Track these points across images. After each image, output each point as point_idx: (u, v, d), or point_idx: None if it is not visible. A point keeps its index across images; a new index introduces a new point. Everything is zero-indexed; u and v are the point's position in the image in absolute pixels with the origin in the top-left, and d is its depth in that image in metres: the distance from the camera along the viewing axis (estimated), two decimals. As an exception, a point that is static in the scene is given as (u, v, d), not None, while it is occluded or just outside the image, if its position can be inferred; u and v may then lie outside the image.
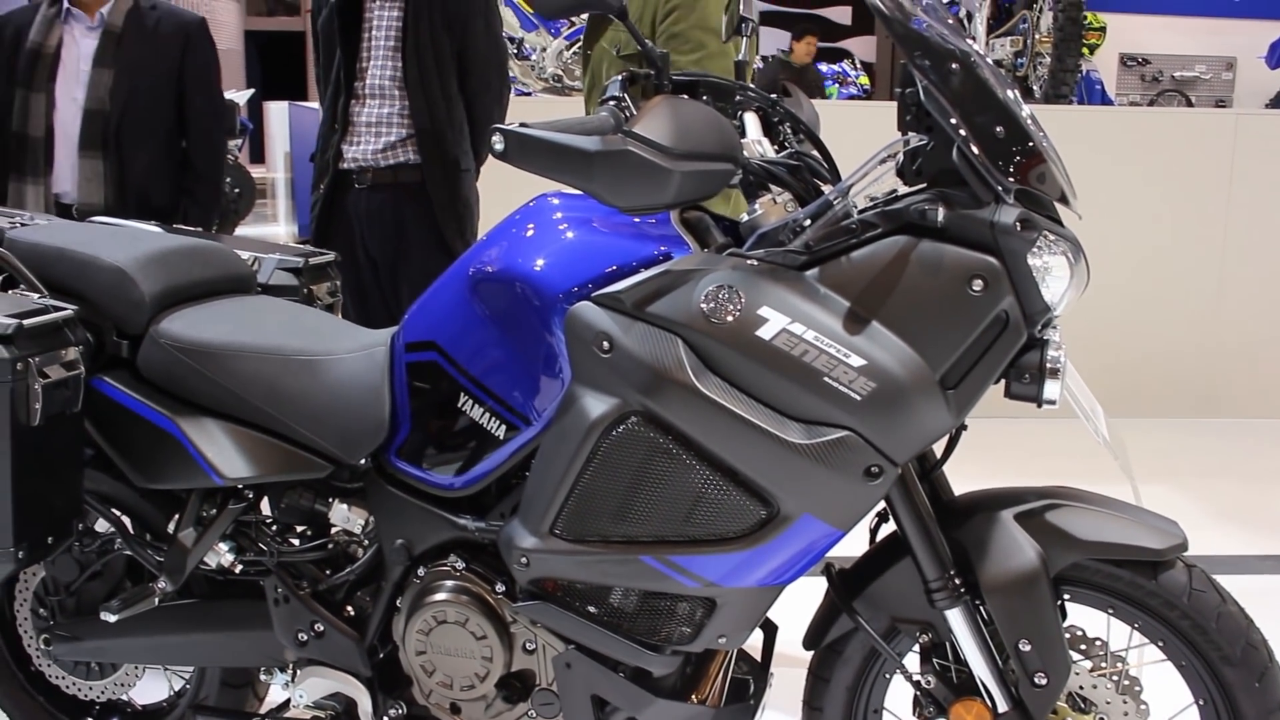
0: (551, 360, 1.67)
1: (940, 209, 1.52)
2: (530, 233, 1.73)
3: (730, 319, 1.55)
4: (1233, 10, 11.63)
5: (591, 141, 1.49)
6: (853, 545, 1.73)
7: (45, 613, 2.17)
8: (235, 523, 1.99)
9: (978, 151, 1.50)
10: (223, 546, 1.99)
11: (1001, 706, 1.69)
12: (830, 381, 1.52)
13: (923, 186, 1.58)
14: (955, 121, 1.51)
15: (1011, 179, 1.51)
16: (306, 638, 1.94)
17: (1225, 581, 1.71)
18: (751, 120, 1.83)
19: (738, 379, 1.56)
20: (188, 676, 2.24)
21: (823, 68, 10.59)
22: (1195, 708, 1.70)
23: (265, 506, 2.03)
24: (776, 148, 1.81)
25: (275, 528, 2.02)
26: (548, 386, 1.69)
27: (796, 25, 10.14)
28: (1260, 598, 2.00)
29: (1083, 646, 1.74)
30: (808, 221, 1.59)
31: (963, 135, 1.51)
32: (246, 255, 2.30)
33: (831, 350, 1.52)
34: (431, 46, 3.15)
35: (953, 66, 1.52)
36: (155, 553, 2.02)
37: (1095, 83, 9.68)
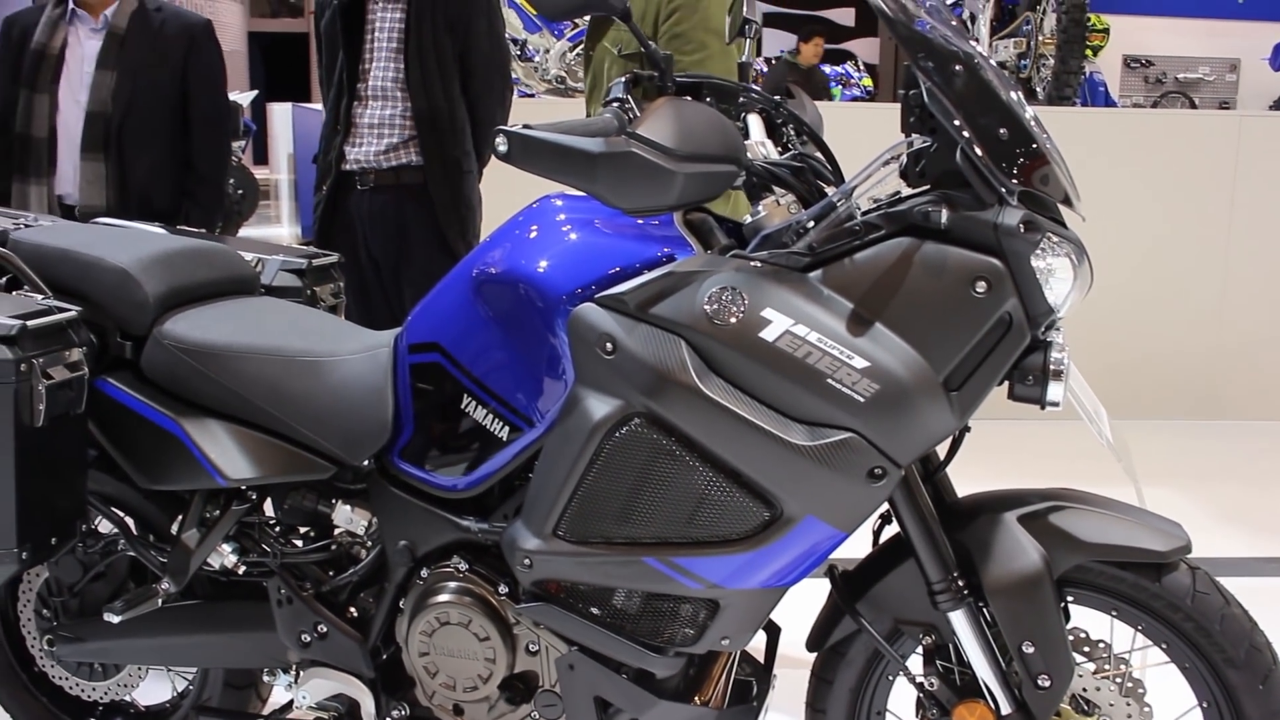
0: (555, 362, 1.67)
1: (944, 211, 1.52)
2: (533, 234, 1.73)
3: (733, 320, 1.55)
4: (1236, 12, 11.63)
5: (595, 143, 1.49)
6: (856, 547, 1.73)
7: (49, 614, 2.17)
8: (238, 524, 2.00)
9: (981, 153, 1.50)
10: (226, 547, 1.99)
11: (1005, 709, 1.68)
12: (833, 383, 1.52)
13: (926, 188, 1.58)
14: (959, 123, 1.51)
15: (1015, 181, 1.51)
16: (309, 639, 1.95)
17: (1229, 584, 1.70)
18: (755, 122, 1.83)
19: (741, 380, 1.56)
20: (191, 677, 2.24)
21: (826, 69, 10.58)
22: (1199, 710, 1.70)
23: (269, 508, 2.03)
24: (780, 149, 1.81)
25: (278, 529, 2.03)
26: (551, 388, 1.69)
27: (803, 27, 10.13)
28: (1264, 600, 2.00)
29: (1086, 649, 1.74)
30: (811, 223, 1.59)
31: (966, 137, 1.51)
32: (250, 256, 2.31)
33: (835, 352, 1.52)
34: (434, 48, 3.15)
35: (956, 68, 1.52)
36: (158, 554, 2.02)
37: (1099, 84, 9.67)
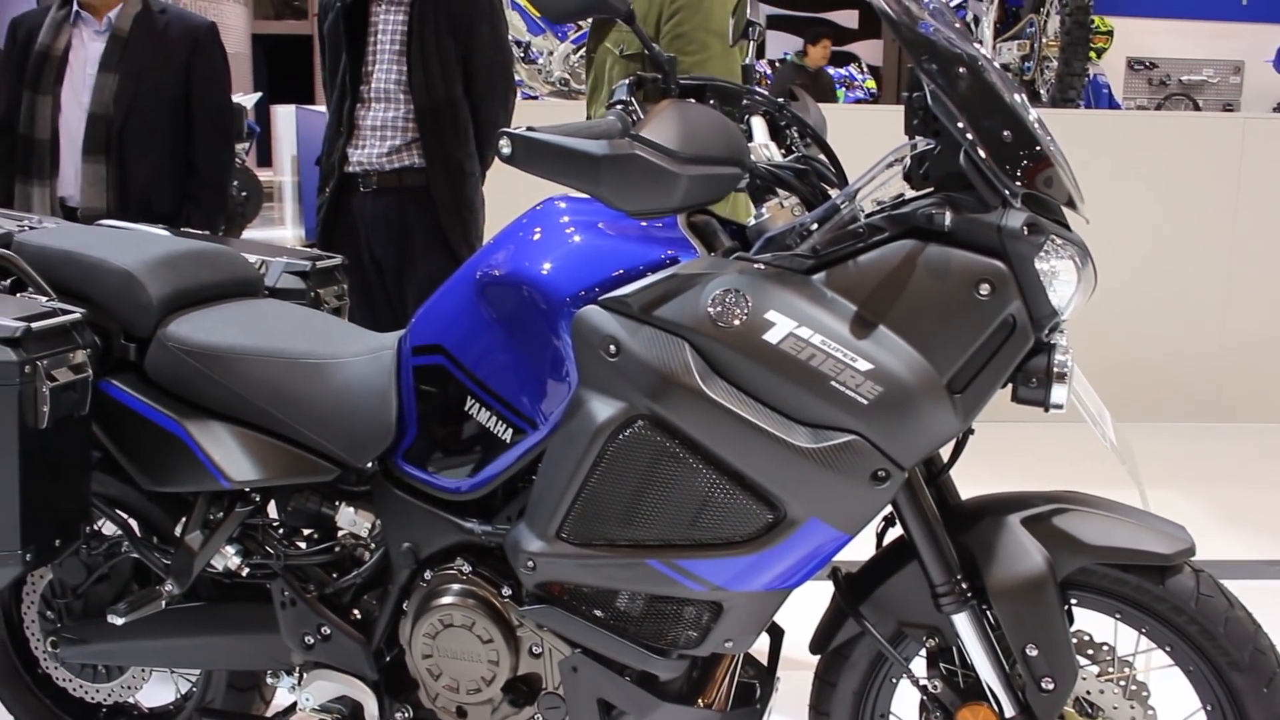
0: (558, 364, 1.67)
1: (947, 213, 1.52)
2: (537, 236, 1.73)
3: (737, 323, 1.55)
4: (1241, 14, 11.62)
5: (598, 145, 1.49)
6: (859, 549, 1.73)
7: (52, 615, 2.17)
8: (242, 526, 2.00)
9: (985, 155, 1.50)
10: (229, 549, 1.99)
11: (1008, 711, 1.68)
12: (837, 385, 1.52)
13: (930, 190, 1.58)
14: (962, 125, 1.51)
15: (1019, 183, 1.51)
16: (313, 641, 1.95)
17: (1233, 586, 1.70)
18: (758, 124, 1.83)
19: (744, 383, 1.56)
20: (194, 679, 2.24)
21: (830, 71, 10.59)
22: (1203, 713, 1.70)
23: (272, 509, 2.03)
24: (783, 152, 1.82)
25: (282, 531, 2.03)
26: (554, 390, 1.69)
27: (810, 29, 10.11)
28: (1268, 602, 1.99)
29: (1090, 651, 1.74)
30: (814, 225, 1.59)
31: (970, 139, 1.50)
32: (254, 259, 2.31)
33: (838, 354, 1.52)
34: (436, 50, 3.15)
35: (960, 70, 1.52)
36: (162, 555, 2.03)
37: (1102, 87, 9.66)
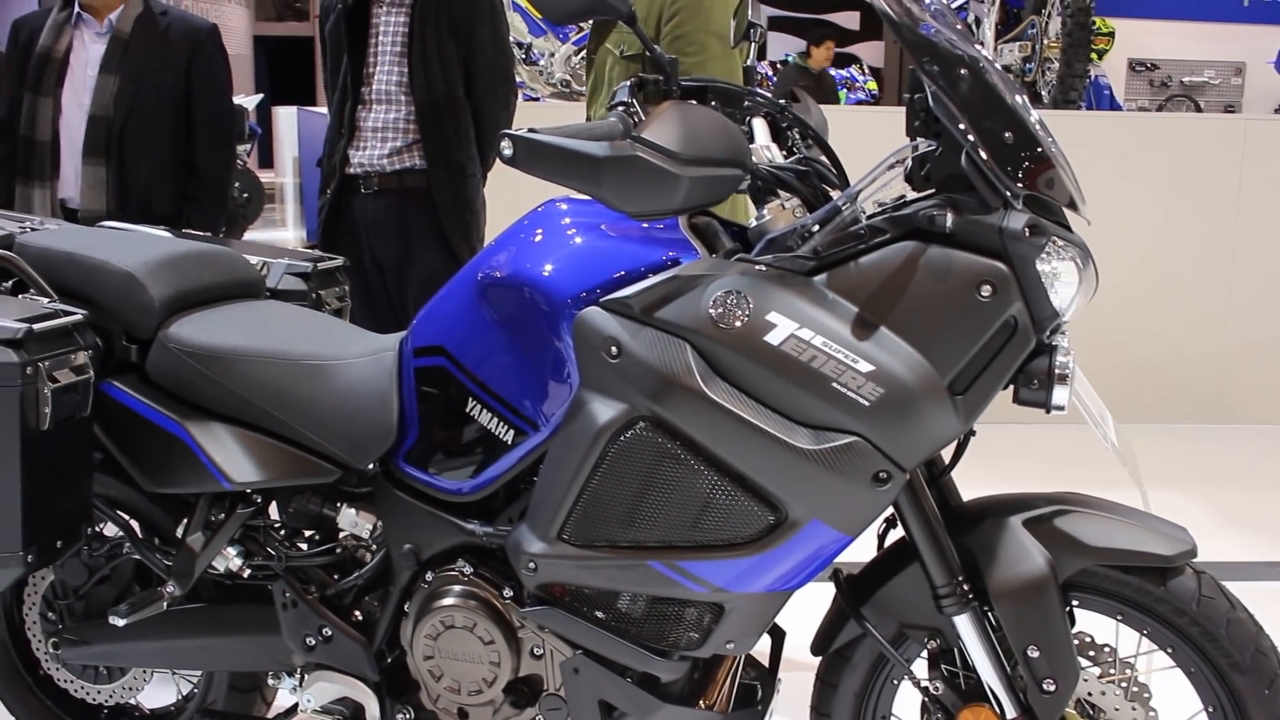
0: (560, 365, 1.67)
1: (949, 214, 1.52)
2: (538, 238, 1.73)
3: (738, 324, 1.55)
4: (1242, 15, 11.62)
5: (600, 147, 1.49)
6: (861, 551, 1.73)
7: (54, 616, 2.17)
8: (243, 527, 2.00)
9: (986, 157, 1.50)
10: (231, 551, 2.00)
11: (1010, 713, 1.68)
12: (838, 387, 1.52)
13: (931, 192, 1.58)
14: (964, 127, 1.51)
15: (1020, 184, 1.51)
16: (314, 642, 1.95)
17: (1234, 588, 1.70)
18: (760, 126, 1.83)
19: (746, 384, 1.56)
20: (196, 681, 2.24)
21: (831, 73, 10.59)
22: (1204, 715, 1.70)
23: (273, 511, 2.03)
24: (785, 153, 1.82)
25: (283, 532, 2.03)
26: (556, 391, 1.69)
27: (813, 30, 10.11)
28: (1270, 604, 1.99)
29: (1091, 653, 1.73)
30: (816, 227, 1.59)
31: (971, 141, 1.50)
32: (255, 260, 2.31)
33: (840, 356, 1.52)
34: (437, 52, 3.15)
35: (961, 72, 1.52)
36: (164, 557, 2.03)
37: (1104, 88, 9.67)
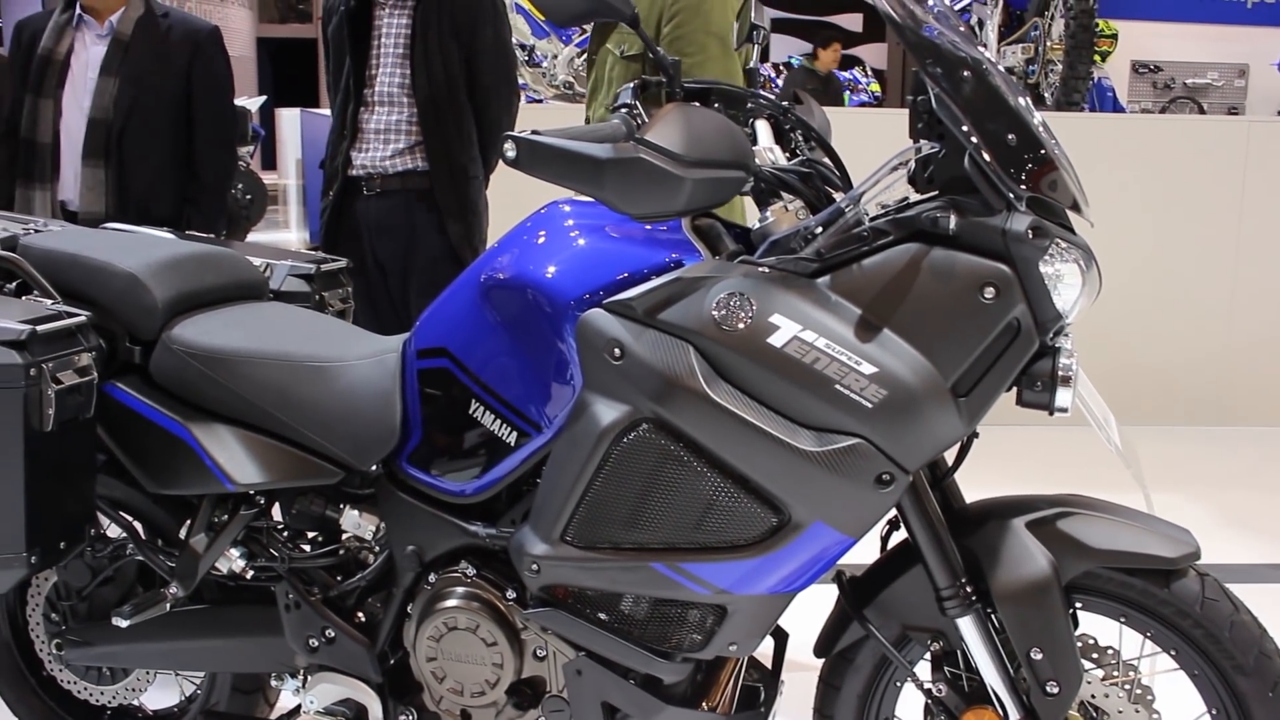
0: (563, 367, 1.67)
1: (952, 216, 1.52)
2: (542, 240, 1.73)
3: (742, 326, 1.55)
4: (1245, 17, 11.62)
5: (603, 149, 1.49)
6: (864, 553, 1.73)
7: (57, 618, 2.17)
8: (246, 528, 2.00)
9: (989, 159, 1.50)
10: (234, 552, 2.00)
11: (1013, 715, 1.68)
12: (841, 389, 1.52)
13: (934, 194, 1.58)
14: (967, 129, 1.51)
15: (1023, 186, 1.51)
16: (317, 643, 1.95)
17: (1238, 590, 1.70)
18: (763, 128, 1.84)
19: (749, 386, 1.56)
20: (199, 682, 2.24)
21: (837, 74, 10.59)
22: (1208, 717, 1.69)
23: (277, 512, 2.03)
24: (788, 155, 1.82)
25: (286, 533, 2.03)
26: (559, 393, 1.69)
27: (820, 33, 10.11)
28: (1273, 607, 1.99)
29: (1095, 655, 1.73)
30: (819, 229, 1.59)
31: (974, 143, 1.50)
32: (258, 262, 2.31)
33: (843, 358, 1.52)
34: (440, 54, 3.15)
35: (964, 74, 1.52)
36: (167, 558, 2.03)
37: (1107, 90, 9.67)
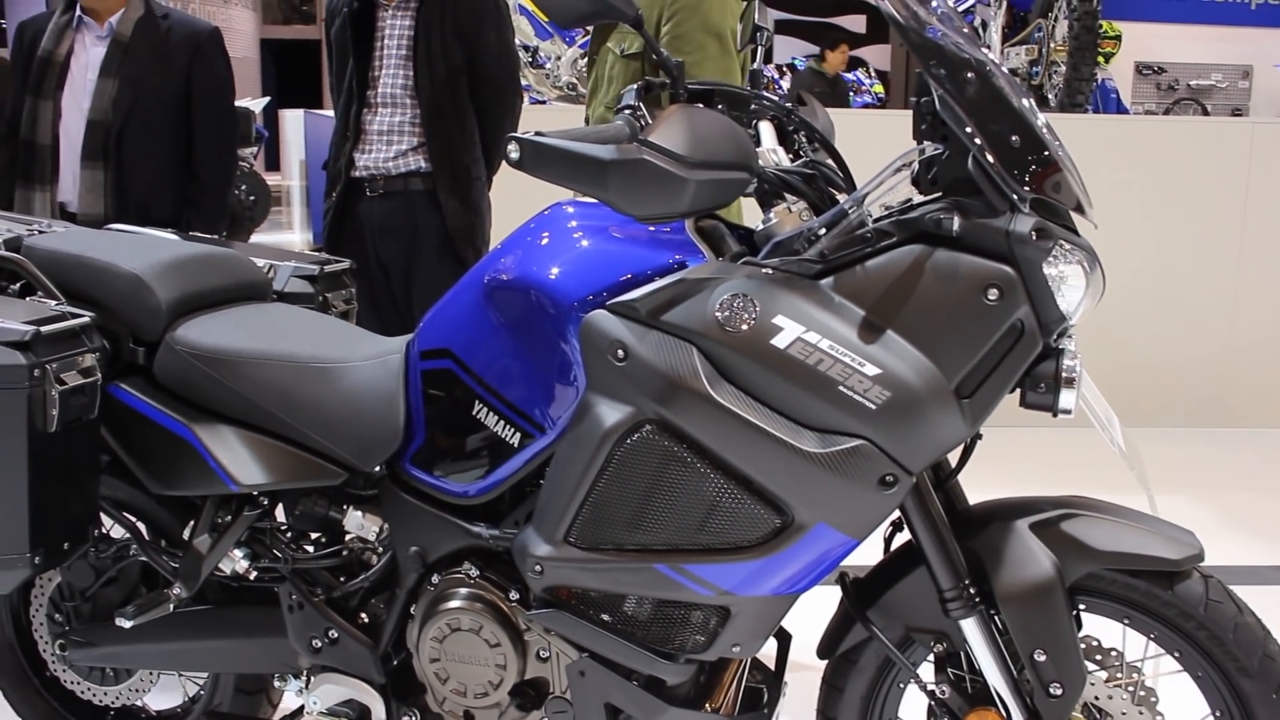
0: (566, 368, 1.67)
1: (955, 218, 1.52)
2: (545, 241, 1.73)
3: (745, 328, 1.55)
4: (1249, 19, 11.60)
5: (607, 150, 1.49)
6: (867, 554, 1.73)
7: (61, 618, 2.18)
8: (250, 529, 2.00)
9: (993, 160, 1.50)
10: (237, 553, 2.00)
11: (1017, 717, 1.68)
12: (845, 390, 1.52)
13: (938, 195, 1.58)
14: (970, 130, 1.51)
15: (1027, 188, 1.51)
16: (320, 644, 1.95)
17: (1242, 592, 1.70)
18: (766, 129, 1.84)
19: (752, 388, 1.56)
20: (202, 682, 2.24)
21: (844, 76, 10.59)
22: (1212, 719, 1.69)
23: (280, 513, 2.03)
24: (791, 156, 1.82)
25: (290, 534, 2.03)
26: (562, 394, 1.69)
27: (827, 35, 10.11)
28: (1277, 609, 1.99)
29: (1098, 657, 1.73)
30: (823, 230, 1.59)
31: (978, 144, 1.50)
32: (262, 263, 2.31)
33: (846, 359, 1.52)
34: (443, 55, 3.16)
35: (968, 75, 1.52)
36: (170, 559, 2.03)
37: (1110, 91, 9.65)
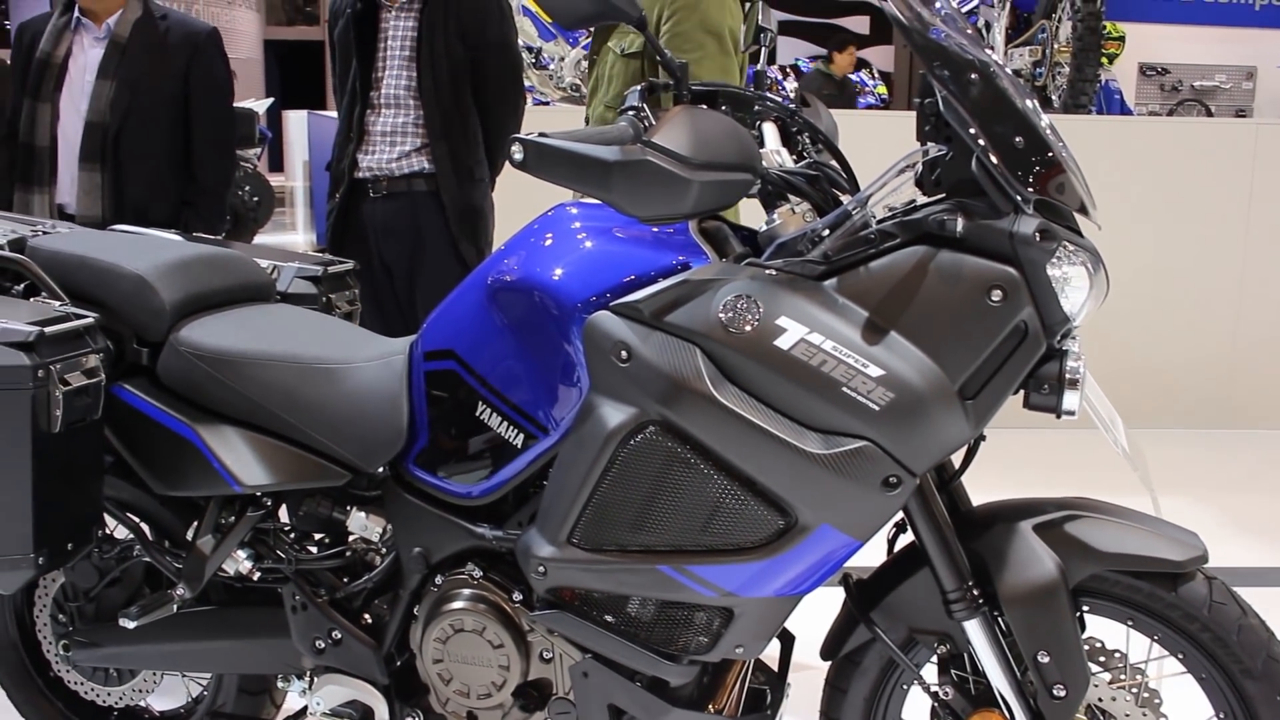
0: (570, 369, 1.67)
1: (959, 219, 1.51)
2: (549, 242, 1.73)
3: (749, 329, 1.55)
4: (1253, 19, 11.59)
5: (610, 151, 1.49)
6: (871, 556, 1.73)
7: (64, 619, 2.18)
8: (253, 530, 2.00)
9: (997, 161, 1.50)
10: (241, 554, 2.00)
11: (1020, 718, 1.68)
12: (848, 392, 1.52)
13: (941, 196, 1.58)
14: (974, 131, 1.51)
15: (1031, 189, 1.51)
16: (324, 645, 1.95)
17: (1245, 593, 1.69)
18: (770, 130, 1.84)
19: (756, 389, 1.56)
20: (205, 683, 2.24)
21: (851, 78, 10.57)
22: (1215, 721, 1.69)
23: (284, 514, 2.03)
24: (795, 158, 1.82)
25: (293, 535, 2.03)
26: (566, 395, 1.69)
27: (835, 36, 10.10)
28: (1281, 610, 1.98)
29: (1102, 658, 1.73)
30: (826, 231, 1.59)
31: (982, 145, 1.50)
32: (266, 264, 2.31)
33: (850, 360, 1.52)
34: (446, 56, 3.16)
35: (972, 76, 1.52)
36: (174, 560, 2.03)
37: (1114, 92, 9.64)
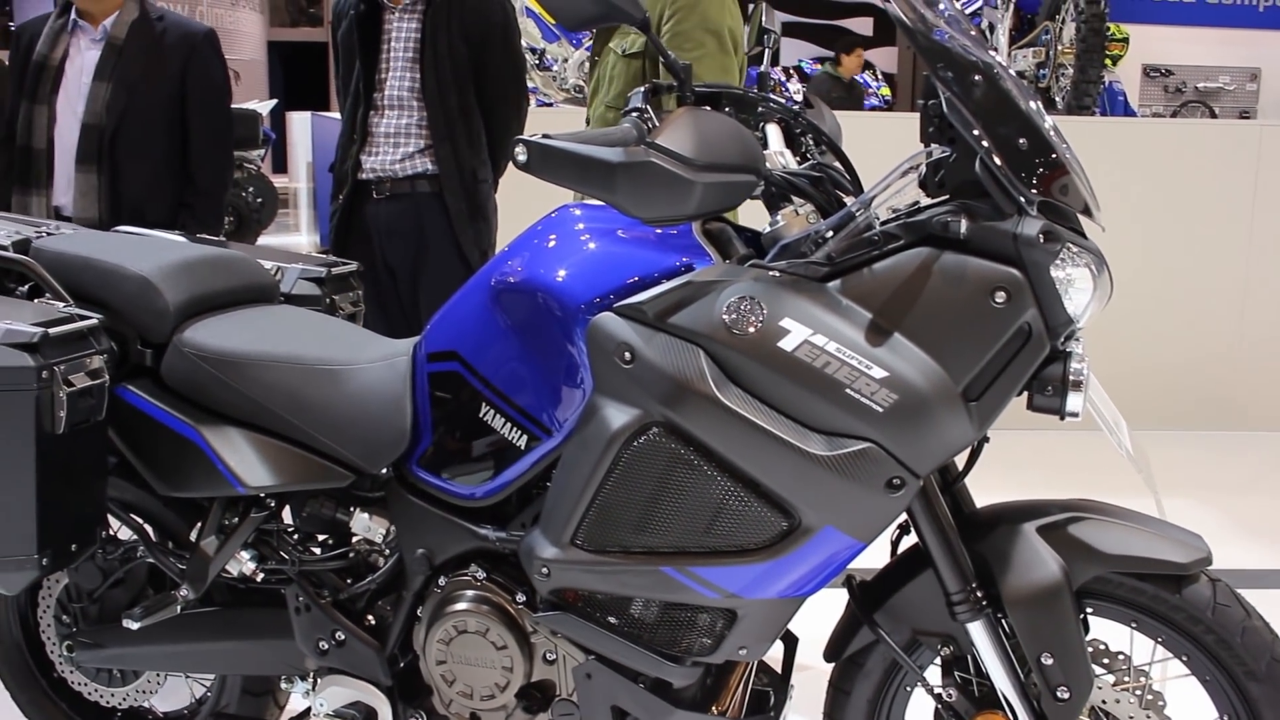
0: (573, 371, 1.67)
1: (963, 221, 1.52)
2: (552, 243, 1.73)
3: (752, 330, 1.55)
4: (1257, 21, 11.59)
5: (614, 153, 1.49)
6: (874, 557, 1.73)
7: (68, 620, 2.18)
8: (257, 531, 2.01)
9: (1000, 163, 1.50)
10: (244, 555, 2.00)
11: (1024, 720, 1.68)
12: (852, 393, 1.52)
13: (945, 198, 1.58)
14: (978, 133, 1.51)
15: (1034, 191, 1.51)
16: (327, 646, 1.95)
17: (1250, 596, 1.69)
18: (774, 132, 1.84)
19: (759, 390, 1.56)
20: (209, 684, 2.24)
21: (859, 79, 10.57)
22: (1219, 723, 1.69)
23: (287, 515, 2.03)
24: (798, 159, 1.82)
25: (297, 536, 2.03)
26: (569, 397, 1.69)
27: (842, 39, 10.10)
28: (1285, 612, 1.98)
29: (1105, 660, 1.73)
30: (830, 233, 1.59)
31: (985, 147, 1.50)
32: (269, 265, 2.31)
33: (853, 362, 1.52)
34: (449, 58, 3.16)
35: (975, 78, 1.52)
36: (177, 560, 2.03)
37: (1118, 94, 9.64)
